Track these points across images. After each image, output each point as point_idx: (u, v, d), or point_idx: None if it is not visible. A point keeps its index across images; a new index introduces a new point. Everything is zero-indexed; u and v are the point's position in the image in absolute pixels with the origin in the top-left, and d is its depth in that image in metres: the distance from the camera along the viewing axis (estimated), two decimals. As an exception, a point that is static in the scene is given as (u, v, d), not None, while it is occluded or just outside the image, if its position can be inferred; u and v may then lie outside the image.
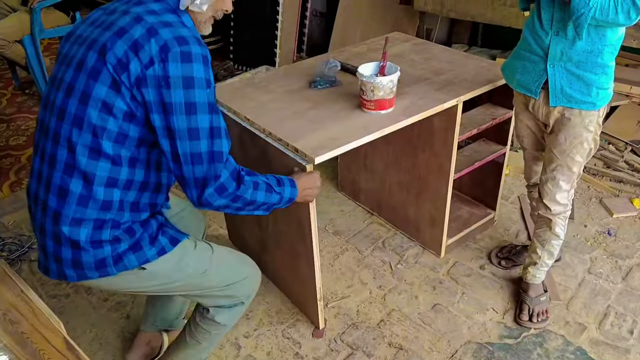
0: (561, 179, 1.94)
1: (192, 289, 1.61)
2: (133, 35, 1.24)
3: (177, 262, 1.50)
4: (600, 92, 1.77)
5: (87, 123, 1.27)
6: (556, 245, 2.10)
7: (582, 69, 1.74)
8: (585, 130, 1.83)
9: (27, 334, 1.33)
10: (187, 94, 1.25)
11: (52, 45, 4.91)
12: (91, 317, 2.22)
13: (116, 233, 1.37)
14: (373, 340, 2.11)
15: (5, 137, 3.50)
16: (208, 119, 1.30)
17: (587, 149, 1.88)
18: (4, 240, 2.63)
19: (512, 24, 3.28)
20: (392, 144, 2.39)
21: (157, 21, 1.26)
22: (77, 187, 1.31)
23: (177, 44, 1.24)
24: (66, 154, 1.31)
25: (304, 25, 4.23)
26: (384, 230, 2.67)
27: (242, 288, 1.69)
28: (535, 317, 2.14)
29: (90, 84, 1.26)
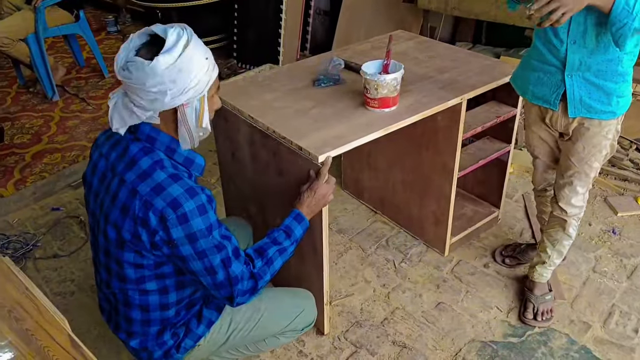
0: (578, 184, 1.92)
1: (255, 340, 1.75)
2: (134, 211, 1.37)
3: (229, 324, 1.67)
4: (621, 101, 1.74)
5: (129, 280, 1.48)
6: (567, 245, 2.09)
7: (602, 78, 1.70)
8: (604, 138, 1.81)
9: (32, 330, 1.33)
10: (193, 245, 1.39)
11: (56, 43, 4.92)
12: (95, 314, 2.22)
13: (175, 330, 1.61)
14: (377, 338, 2.11)
15: (9, 135, 3.51)
16: (211, 242, 1.41)
17: (604, 155, 1.87)
18: (8, 238, 2.64)
19: (516, 22, 3.27)
20: (396, 142, 2.38)
21: (148, 190, 1.35)
22: (137, 315, 1.54)
23: (172, 210, 1.34)
24: (122, 297, 1.53)
25: (308, 24, 4.23)
26: (387, 228, 2.67)
27: (301, 322, 1.80)
28: (540, 315, 2.13)
29: (119, 253, 1.44)
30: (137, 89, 1.32)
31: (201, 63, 1.34)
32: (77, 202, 2.89)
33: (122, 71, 1.32)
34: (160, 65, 1.28)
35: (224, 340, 1.68)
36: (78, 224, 2.74)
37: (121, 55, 1.34)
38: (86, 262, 2.50)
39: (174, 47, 1.29)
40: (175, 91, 1.31)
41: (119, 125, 1.39)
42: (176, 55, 1.29)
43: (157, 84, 1.29)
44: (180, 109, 1.36)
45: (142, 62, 1.28)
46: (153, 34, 1.35)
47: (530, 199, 2.81)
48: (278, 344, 1.85)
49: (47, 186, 3.01)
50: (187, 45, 1.31)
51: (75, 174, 3.09)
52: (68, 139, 3.47)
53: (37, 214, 2.82)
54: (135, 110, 1.36)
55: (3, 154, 3.32)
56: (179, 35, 1.31)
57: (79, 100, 3.97)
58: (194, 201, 1.36)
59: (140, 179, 1.37)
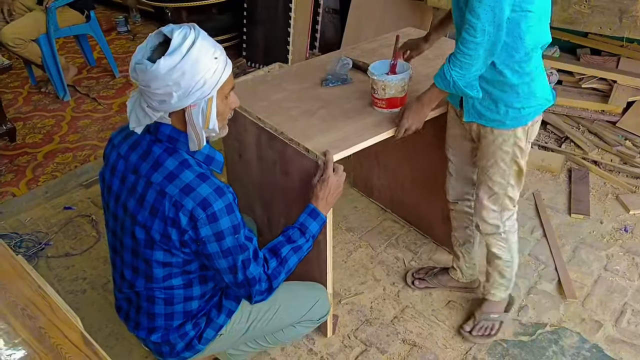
0: (484, 198, 1.87)
1: (274, 330, 1.78)
2: (164, 212, 1.39)
3: (249, 314, 1.70)
4: (510, 111, 1.69)
5: (156, 278, 1.50)
6: (503, 265, 2.00)
7: (491, 85, 1.68)
8: (498, 149, 1.77)
9: (45, 328, 1.35)
10: (220, 243, 1.41)
11: (67, 44, 4.95)
12: (107, 312, 2.24)
13: (196, 320, 1.63)
14: (387, 336, 2.11)
15: (21, 135, 3.54)
16: (232, 239, 1.43)
17: (505, 169, 1.80)
18: (21, 236, 2.67)
19: (526, 19, 3.25)
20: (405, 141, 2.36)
21: (177, 191, 1.38)
22: (160, 309, 1.56)
23: (202, 209, 1.36)
24: (145, 294, 1.54)
25: (317, 22, 4.22)
26: (397, 226, 2.66)
27: (317, 312, 1.82)
28: (477, 330, 2.07)
29: (148, 253, 1.46)
30: (145, 91, 1.34)
31: (208, 64, 1.33)
32: (88, 201, 2.91)
33: (133, 72, 1.34)
34: (161, 68, 1.28)
35: (245, 331, 1.70)
36: (90, 222, 2.76)
37: (137, 57, 1.35)
38: (98, 260, 2.52)
39: (177, 49, 1.29)
40: (180, 93, 1.32)
41: (135, 124, 1.41)
42: (178, 58, 1.29)
43: (161, 86, 1.30)
44: (187, 110, 1.37)
45: (145, 64, 1.30)
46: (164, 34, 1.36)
47: (541, 197, 2.80)
48: (295, 335, 1.87)
49: (59, 185, 3.03)
50: (192, 47, 1.30)
51: (87, 173, 3.11)
52: (79, 139, 3.50)
53: (49, 213, 2.85)
54: (147, 111, 1.38)
55: (15, 154, 3.35)
56: (184, 37, 1.31)
57: (90, 100, 3.99)
58: (222, 200, 1.38)
59: (169, 180, 1.39)
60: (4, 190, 3.02)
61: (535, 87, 1.68)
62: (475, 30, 1.51)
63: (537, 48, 1.63)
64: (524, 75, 1.64)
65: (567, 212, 2.70)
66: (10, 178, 3.12)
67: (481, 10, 1.48)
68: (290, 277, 2.13)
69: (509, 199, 1.87)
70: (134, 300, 1.60)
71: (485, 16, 1.48)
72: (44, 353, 1.28)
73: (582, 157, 3.03)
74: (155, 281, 1.51)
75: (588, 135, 3.17)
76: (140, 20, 5.52)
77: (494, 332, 2.07)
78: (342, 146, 1.74)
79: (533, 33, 1.58)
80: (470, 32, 1.52)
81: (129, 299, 1.62)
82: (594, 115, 3.21)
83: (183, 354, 1.64)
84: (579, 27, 3.16)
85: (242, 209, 2.28)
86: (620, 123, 3.12)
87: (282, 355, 2.05)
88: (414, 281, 2.33)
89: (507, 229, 1.93)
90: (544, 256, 2.45)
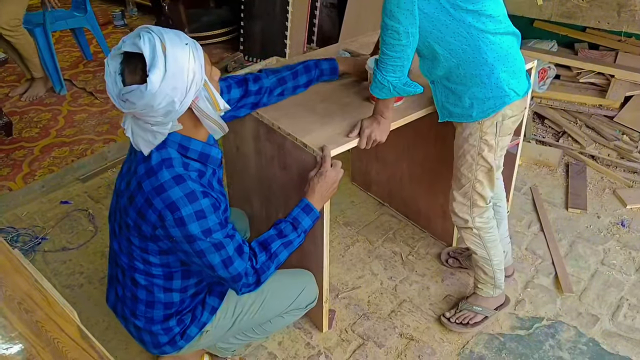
0: (454, 187, 1.91)
1: (261, 321, 1.78)
2: (137, 204, 1.41)
3: (234, 308, 1.69)
4: (475, 103, 1.69)
5: (136, 259, 1.52)
6: (481, 262, 2.00)
7: (452, 81, 1.70)
8: (465, 142, 1.79)
9: (42, 322, 1.34)
10: (191, 245, 1.41)
11: (64, 37, 4.93)
12: (104, 307, 2.22)
13: (181, 317, 1.63)
14: (384, 330, 2.11)
15: (18, 129, 3.52)
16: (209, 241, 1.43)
17: (471, 163, 1.81)
18: (17, 231, 2.66)
19: (524, 13, 3.25)
20: (404, 135, 2.37)
21: (151, 188, 1.38)
22: (142, 295, 1.57)
23: (170, 212, 1.36)
24: (130, 274, 1.57)
25: (315, 16, 4.21)
26: (395, 221, 2.66)
27: (303, 299, 1.81)
28: (456, 317, 2.08)
29: (127, 233, 1.49)
30: (146, 113, 1.31)
31: (186, 55, 1.30)
32: (85, 196, 2.90)
33: (124, 103, 1.31)
34: (155, 83, 1.26)
35: (231, 325, 1.70)
36: (86, 217, 2.75)
37: (110, 88, 1.32)
38: (95, 254, 2.51)
39: (155, 58, 1.26)
40: (180, 95, 1.30)
41: (148, 148, 1.40)
42: (163, 66, 1.26)
43: (163, 99, 1.28)
44: (194, 106, 1.36)
45: (137, 88, 1.27)
46: (124, 52, 1.31)
47: (539, 191, 2.80)
48: (284, 324, 1.87)
49: (56, 180, 3.02)
50: (165, 48, 1.27)
51: (84, 168, 3.10)
52: (76, 133, 3.49)
53: (46, 207, 2.84)
54: (156, 129, 1.36)
55: (12, 148, 3.33)
56: (151, 43, 1.27)
57: (87, 94, 3.97)
58: (192, 207, 1.37)
59: (147, 175, 1.40)
60: (0, 184, 3.01)
61: (499, 78, 1.66)
62: (399, 34, 1.55)
63: (489, 36, 1.62)
64: (483, 66, 1.64)
65: (565, 207, 2.70)
66: (6, 172, 3.11)
67: (400, 14, 1.52)
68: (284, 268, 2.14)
69: (478, 196, 1.87)
70: (120, 278, 1.61)
71: (405, 20, 1.53)
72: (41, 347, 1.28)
73: (579, 152, 3.03)
74: (135, 260, 1.52)
75: (585, 129, 3.17)
76: (137, 13, 5.49)
77: (473, 323, 2.06)
78: (340, 141, 1.74)
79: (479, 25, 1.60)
80: (394, 36, 1.55)
81: (117, 278, 1.63)
82: (591, 110, 3.21)
83: (164, 347, 1.65)
84: (577, 21, 3.16)
85: (239, 203, 2.29)
86: (618, 118, 3.12)
87: (280, 349, 2.05)
88: (448, 259, 2.38)
89: (478, 226, 1.93)
90: (541, 250, 2.45)
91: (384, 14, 1.54)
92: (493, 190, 1.89)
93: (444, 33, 1.59)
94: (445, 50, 1.63)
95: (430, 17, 1.56)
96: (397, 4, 1.51)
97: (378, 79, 1.64)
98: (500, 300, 2.11)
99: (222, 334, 1.72)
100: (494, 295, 2.08)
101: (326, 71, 1.93)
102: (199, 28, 4.58)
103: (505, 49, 1.67)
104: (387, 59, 1.60)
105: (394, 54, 1.59)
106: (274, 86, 1.83)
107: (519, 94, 1.72)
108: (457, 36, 1.60)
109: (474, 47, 1.61)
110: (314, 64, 1.91)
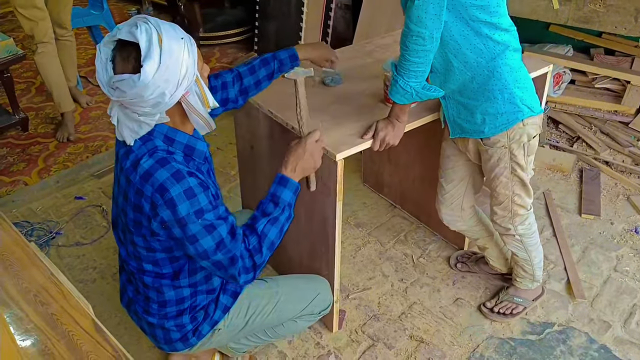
0: (493, 203, 1.95)
1: (274, 324, 1.77)
2: (131, 199, 1.40)
3: (247, 308, 1.70)
4: (487, 119, 1.70)
5: (144, 261, 1.52)
6: (522, 262, 2.05)
7: (465, 96, 1.71)
8: (496, 166, 1.81)
9: (57, 315, 1.36)
10: (183, 229, 1.38)
11: (80, 35, 4.97)
12: (116, 302, 2.24)
13: (194, 314, 1.64)
14: (394, 332, 2.11)
15: (34, 124, 3.56)
16: (200, 224, 1.39)
17: (506, 182, 1.83)
18: (32, 225, 2.69)
19: (540, 17, 3.23)
20: (417, 137, 2.37)
21: (138, 178, 1.37)
22: (153, 294, 1.58)
23: (160, 195, 1.34)
24: (139, 276, 1.57)
25: (329, 17, 4.21)
26: (406, 223, 2.66)
27: (317, 305, 1.81)
28: (498, 307, 2.13)
29: (130, 236, 1.50)
30: (135, 103, 1.31)
31: (181, 49, 1.30)
32: (99, 192, 2.93)
33: (114, 91, 1.31)
34: (148, 74, 1.25)
35: (243, 325, 1.70)
36: (100, 212, 2.77)
37: (100, 74, 1.33)
38: (108, 250, 2.53)
39: (151, 48, 1.26)
40: (171, 88, 1.30)
41: (131, 138, 1.39)
42: (157, 57, 1.26)
43: (153, 90, 1.28)
44: (184, 100, 1.36)
45: (130, 78, 1.26)
46: (118, 39, 1.31)
47: (552, 196, 2.79)
48: (296, 329, 1.86)
49: (70, 175, 3.05)
50: (162, 39, 1.27)
51: (98, 164, 3.13)
52: (91, 129, 3.52)
53: (60, 202, 2.87)
54: (143, 119, 1.36)
55: (27, 143, 3.37)
56: (148, 33, 1.27)
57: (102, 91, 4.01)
58: (180, 185, 1.34)
59: (133, 167, 1.38)
60: (16, 179, 3.04)
61: (512, 93, 1.67)
62: (425, 39, 1.55)
63: (502, 53, 1.64)
64: (496, 81, 1.65)
65: (578, 212, 2.69)
66: (22, 167, 3.14)
67: (427, 20, 1.52)
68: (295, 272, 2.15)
69: (518, 206, 1.89)
70: (132, 281, 1.63)
71: (432, 24, 1.53)
72: (56, 339, 1.30)
73: (593, 158, 3.01)
74: (143, 262, 1.51)
75: (600, 135, 3.15)
76: (153, 12, 5.53)
77: (515, 313, 2.12)
78: (353, 142, 1.75)
79: (495, 40, 1.62)
80: (418, 42, 1.56)
81: (129, 280, 1.65)
82: (606, 116, 3.19)
83: (176, 344, 1.65)
84: (594, 26, 3.13)
85: (252, 203, 2.30)
86: (633, 124, 3.09)
87: (290, 348, 2.06)
88: (457, 264, 2.38)
89: (521, 232, 1.95)
90: (554, 256, 2.44)
91: (409, 20, 1.54)
92: (531, 197, 1.90)
93: (461, 44, 1.61)
94: (461, 62, 1.64)
95: (448, 27, 1.58)
96: (425, 10, 1.51)
97: (400, 84, 1.65)
98: (537, 291, 2.17)
99: (234, 333, 1.72)
100: (532, 288, 2.13)
101: (285, 60, 1.83)
102: (214, 28, 4.60)
103: (517, 65, 1.69)
104: (410, 64, 1.60)
105: (417, 60, 1.59)
106: (233, 82, 1.79)
107: (534, 111, 1.73)
108: (474, 48, 1.61)
109: (489, 59, 1.63)
110: (272, 56, 1.84)
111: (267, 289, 1.74)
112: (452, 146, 1.96)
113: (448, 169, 2.01)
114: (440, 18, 1.54)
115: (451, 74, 1.68)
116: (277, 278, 1.83)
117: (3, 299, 1.40)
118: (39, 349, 1.27)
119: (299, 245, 2.09)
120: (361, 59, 2.30)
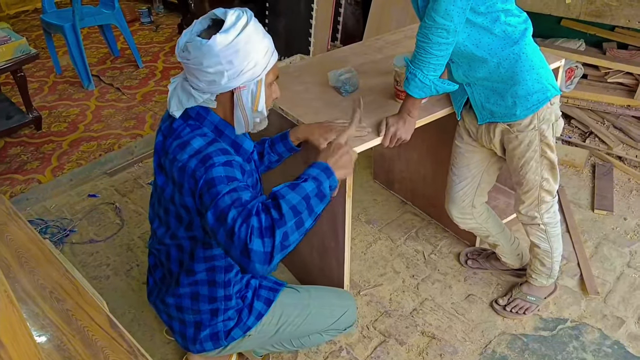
0: (519, 192, 1.93)
1: (301, 335, 1.80)
2: (175, 179, 1.38)
3: (279, 317, 1.71)
4: (518, 101, 1.69)
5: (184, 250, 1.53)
6: (542, 254, 2.04)
7: (493, 81, 1.70)
8: (527, 150, 1.78)
9: (72, 311, 1.38)
10: (210, 191, 1.29)
11: (92, 34, 5.01)
12: (130, 298, 2.28)
13: (228, 316, 1.65)
14: (406, 328, 2.11)
15: (47, 123, 3.60)
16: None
17: (536, 167, 1.82)
18: (46, 223, 2.72)
19: (552, 12, 3.21)
20: (428, 133, 2.36)
21: (186, 157, 1.35)
22: (185, 290, 1.59)
23: (202, 164, 1.31)
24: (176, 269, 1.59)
25: (339, 14, 4.21)
26: (417, 219, 2.66)
27: (344, 321, 1.83)
28: (510, 306, 2.13)
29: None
30: (195, 70, 1.33)
31: (259, 45, 1.35)
32: (112, 189, 2.95)
33: (182, 52, 1.35)
34: (217, 44, 1.29)
35: (274, 332, 1.72)
36: (113, 210, 2.80)
37: (182, 39, 1.36)
38: (121, 247, 2.56)
39: (232, 27, 1.31)
40: (232, 72, 1.32)
41: (176, 108, 1.41)
42: (233, 36, 1.30)
43: (214, 64, 1.30)
44: (237, 92, 1.37)
45: (199, 41, 1.30)
46: (215, 17, 1.37)
47: (565, 192, 2.77)
48: (320, 341, 1.90)
49: (84, 173, 3.08)
50: (246, 26, 1.32)
51: (111, 162, 3.16)
52: (103, 128, 3.55)
53: (74, 200, 2.89)
54: (194, 93, 1.38)
55: (41, 142, 3.41)
56: (238, 17, 1.33)
57: (114, 89, 4.04)
58: (225, 157, 1.33)
59: (180, 148, 1.37)
60: (30, 177, 3.08)
61: (539, 73, 1.68)
62: (449, 32, 1.55)
63: (523, 36, 1.65)
64: (523, 62, 1.66)
65: (590, 208, 2.67)
66: (36, 165, 3.18)
67: (455, 13, 1.52)
68: (311, 270, 2.16)
69: (546, 192, 1.89)
70: (166, 280, 1.64)
71: (458, 18, 1.53)
72: (71, 335, 1.31)
73: (606, 153, 2.99)
74: (185, 259, 1.53)
75: (613, 130, 3.13)
76: (164, 11, 5.56)
77: (528, 313, 2.11)
78: (364, 138, 1.75)
79: (514, 22, 1.63)
80: (443, 34, 1.55)
81: (162, 280, 1.66)
82: (619, 110, 3.16)
83: (206, 344, 1.66)
84: (607, 20, 3.11)
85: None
86: (647, 118, 3.07)
87: (301, 344, 2.07)
88: (467, 260, 2.38)
89: (546, 221, 1.95)
90: (566, 252, 2.43)
91: (435, 13, 1.53)
92: (557, 183, 1.90)
93: (482, 34, 1.61)
94: (485, 51, 1.63)
95: (468, 20, 1.58)
96: (453, 2, 1.50)
97: (419, 78, 1.64)
98: (551, 288, 2.17)
99: (263, 340, 1.74)
100: (547, 285, 2.13)
101: (276, 139, 1.79)
102: (224, 25, 4.61)
103: (536, 46, 1.71)
104: (431, 57, 1.60)
105: (438, 53, 1.59)
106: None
107: (557, 89, 1.74)
108: (495, 36, 1.61)
109: (513, 43, 1.63)
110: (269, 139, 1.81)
111: (300, 300, 1.76)
112: (467, 142, 1.95)
113: (463, 167, 2.00)
114: (466, 12, 1.54)
115: (476, 64, 1.68)
116: (308, 288, 1.84)
117: (20, 295, 1.42)
118: (55, 345, 1.29)
119: (309, 241, 2.09)
120: (371, 55, 2.30)
